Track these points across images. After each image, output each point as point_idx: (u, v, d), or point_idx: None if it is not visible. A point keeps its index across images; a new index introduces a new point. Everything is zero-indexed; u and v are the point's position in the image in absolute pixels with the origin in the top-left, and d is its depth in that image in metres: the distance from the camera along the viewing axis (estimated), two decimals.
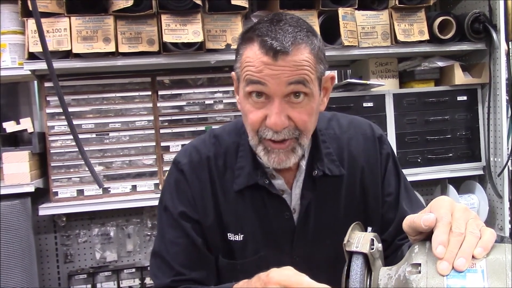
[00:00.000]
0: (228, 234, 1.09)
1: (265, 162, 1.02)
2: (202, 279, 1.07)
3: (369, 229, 0.80)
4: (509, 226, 2.32)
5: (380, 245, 0.76)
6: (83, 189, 2.14)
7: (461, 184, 2.57)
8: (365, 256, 0.73)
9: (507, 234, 2.32)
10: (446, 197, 0.75)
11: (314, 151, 1.09)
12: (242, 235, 1.08)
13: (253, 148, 1.03)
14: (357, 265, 0.73)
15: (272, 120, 0.94)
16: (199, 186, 1.09)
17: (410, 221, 0.73)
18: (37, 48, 1.93)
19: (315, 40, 0.97)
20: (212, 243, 1.09)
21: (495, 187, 2.35)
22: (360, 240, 0.74)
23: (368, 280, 0.73)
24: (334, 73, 2.95)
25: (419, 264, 0.68)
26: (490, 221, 2.40)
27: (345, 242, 0.75)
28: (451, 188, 2.47)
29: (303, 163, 1.08)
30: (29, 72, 2.00)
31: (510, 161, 2.27)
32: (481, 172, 2.42)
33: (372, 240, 0.74)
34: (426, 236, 0.72)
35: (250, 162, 1.07)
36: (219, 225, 1.09)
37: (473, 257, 0.66)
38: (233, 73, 1.04)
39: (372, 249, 0.73)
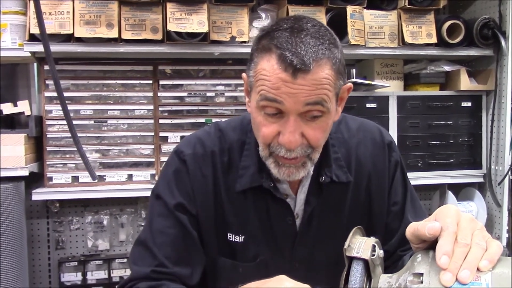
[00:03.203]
0: (229, 234, 1.05)
1: (274, 174, 0.97)
2: (185, 276, 1.02)
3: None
4: (507, 235, 2.30)
5: (381, 251, 0.74)
6: (78, 176, 2.11)
7: (460, 191, 2.55)
8: (365, 262, 0.71)
9: (504, 243, 2.31)
10: (452, 206, 0.73)
11: (323, 156, 1.04)
12: (243, 237, 1.05)
13: (262, 158, 0.99)
14: (357, 270, 0.70)
15: (286, 139, 0.90)
16: (201, 180, 1.04)
17: (414, 228, 0.71)
18: (38, 29, 1.90)
19: (336, 53, 0.91)
20: (206, 240, 1.05)
21: (495, 195, 2.33)
22: (361, 245, 0.72)
23: (368, 287, 0.71)
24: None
25: (421, 274, 0.66)
26: (488, 230, 2.34)
27: (345, 247, 0.72)
28: (450, 194, 2.45)
29: (311, 169, 1.03)
30: (29, 54, 1.97)
31: (511, 170, 2.25)
32: (481, 180, 2.41)
33: (374, 246, 0.72)
34: (429, 245, 0.70)
35: (255, 162, 1.03)
36: (220, 224, 1.05)
37: (478, 269, 0.63)
38: (244, 74, 0.99)
39: (373, 255, 0.71)
